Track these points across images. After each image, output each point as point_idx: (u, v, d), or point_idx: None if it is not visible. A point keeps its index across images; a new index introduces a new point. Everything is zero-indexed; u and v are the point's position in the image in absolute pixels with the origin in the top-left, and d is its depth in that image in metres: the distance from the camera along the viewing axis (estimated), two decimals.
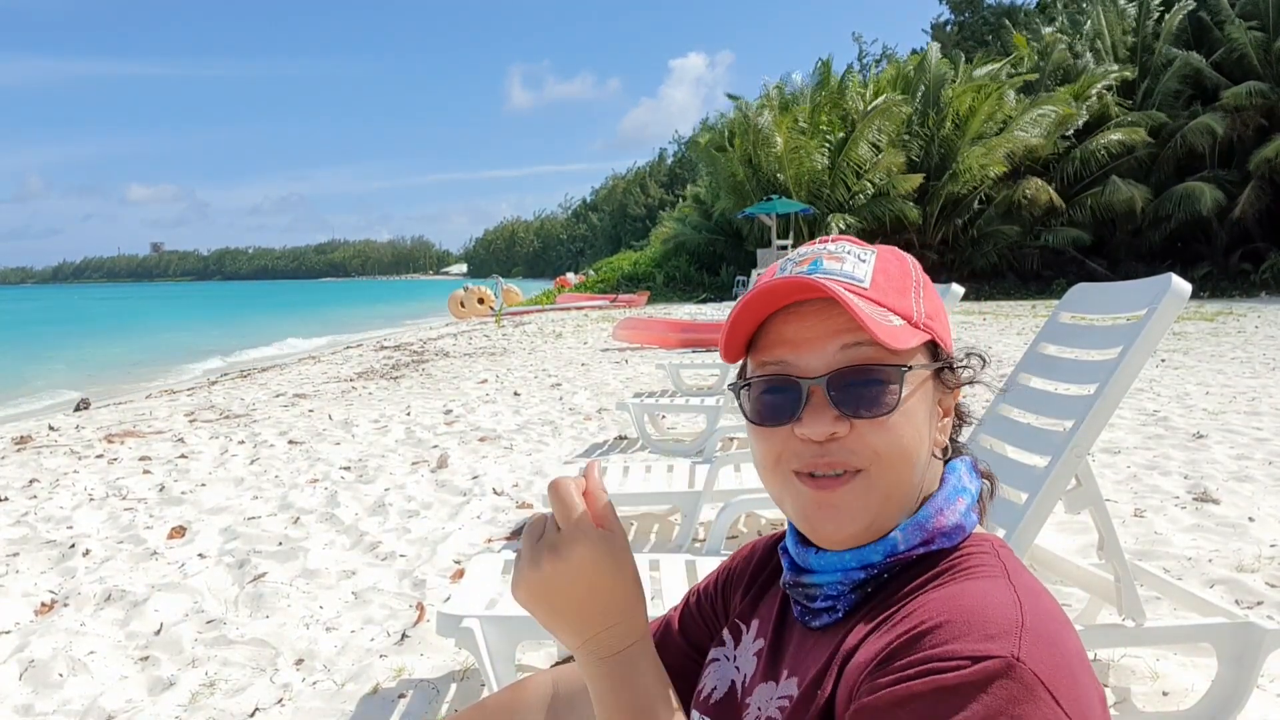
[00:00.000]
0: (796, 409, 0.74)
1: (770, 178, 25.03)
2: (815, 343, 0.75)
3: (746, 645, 0.87)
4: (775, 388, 0.76)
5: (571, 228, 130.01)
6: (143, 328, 33.55)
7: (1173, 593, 2.33)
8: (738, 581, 0.95)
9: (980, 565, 0.73)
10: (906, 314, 0.77)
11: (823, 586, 0.78)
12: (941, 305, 0.82)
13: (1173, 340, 10.67)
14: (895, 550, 0.75)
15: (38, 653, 2.64)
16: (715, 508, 3.45)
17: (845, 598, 0.77)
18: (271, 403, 8.09)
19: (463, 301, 23.60)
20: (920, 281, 0.81)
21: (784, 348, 0.76)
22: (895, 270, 0.80)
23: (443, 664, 2.51)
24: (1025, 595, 0.68)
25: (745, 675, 0.85)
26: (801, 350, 0.75)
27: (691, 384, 7.89)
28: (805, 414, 0.74)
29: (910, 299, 0.78)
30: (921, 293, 0.80)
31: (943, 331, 0.80)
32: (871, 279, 0.77)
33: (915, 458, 0.75)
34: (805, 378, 0.74)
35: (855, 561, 0.76)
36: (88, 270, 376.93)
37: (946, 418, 0.82)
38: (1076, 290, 2.39)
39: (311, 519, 4.00)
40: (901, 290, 0.78)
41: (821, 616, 0.78)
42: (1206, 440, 5.03)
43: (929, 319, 0.78)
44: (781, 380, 0.76)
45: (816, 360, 0.75)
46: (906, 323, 0.76)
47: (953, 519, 0.76)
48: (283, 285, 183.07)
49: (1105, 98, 23.88)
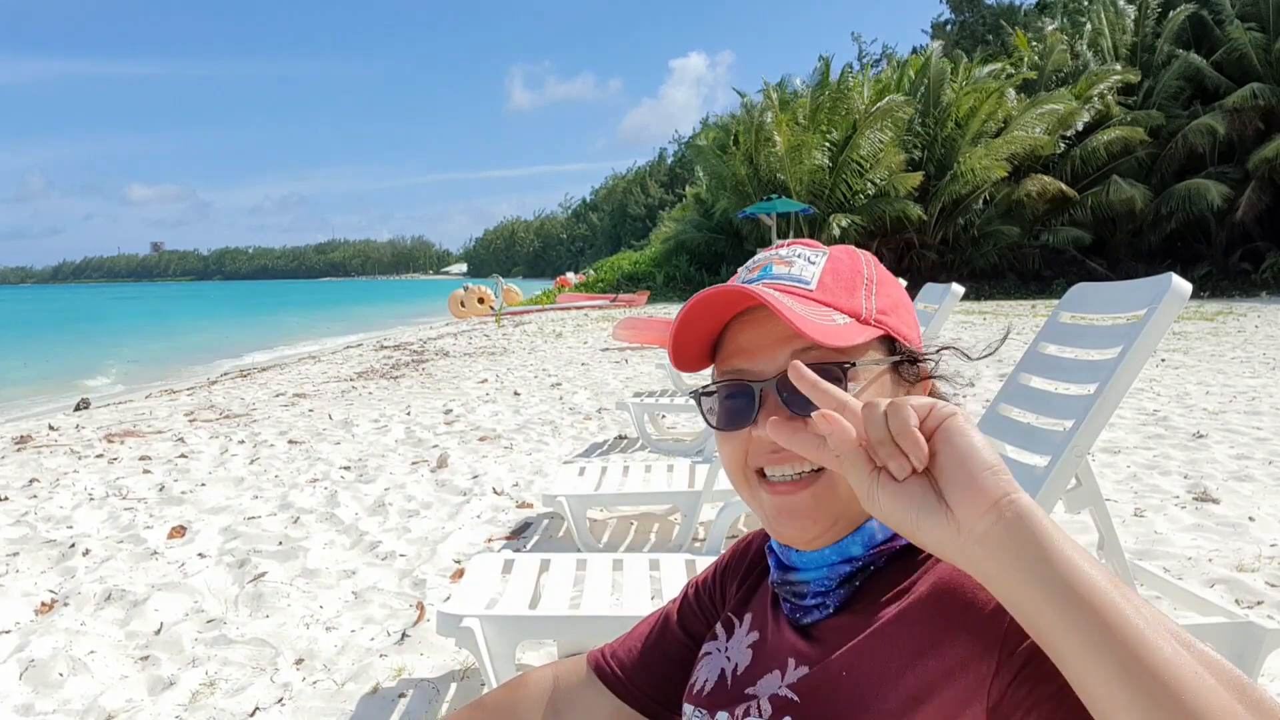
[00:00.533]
0: (752, 412, 0.77)
1: (771, 177, 25.03)
2: (767, 349, 0.78)
3: (739, 638, 0.88)
4: (732, 393, 0.79)
5: (571, 227, 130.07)
6: (171, 326, 34.23)
7: (1173, 592, 2.33)
8: (733, 575, 0.96)
9: None
10: (854, 311, 0.79)
11: (810, 583, 0.79)
12: (902, 300, 0.84)
13: (1173, 340, 10.67)
14: (874, 540, 0.77)
15: (38, 652, 2.64)
16: (715, 507, 3.45)
17: (834, 593, 0.78)
18: (271, 402, 8.09)
19: (463, 301, 23.59)
20: (874, 278, 0.82)
21: (739, 356, 0.80)
22: (845, 269, 0.82)
23: (443, 663, 2.52)
24: None
25: (737, 665, 0.85)
26: (755, 357, 0.78)
27: (691, 384, 7.89)
28: (760, 417, 0.77)
29: (859, 296, 0.80)
30: (874, 289, 0.81)
31: (900, 325, 0.81)
32: (818, 280, 0.80)
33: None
34: (757, 381, 0.77)
35: (836, 555, 0.78)
36: (88, 270, 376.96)
37: None
38: (1077, 290, 2.39)
39: (311, 519, 4.00)
40: (850, 288, 0.80)
41: (812, 613, 0.79)
42: (1207, 440, 5.03)
43: (881, 314, 0.80)
44: (737, 386, 0.79)
45: (767, 363, 0.78)
46: (854, 320, 0.78)
47: None
48: (285, 285, 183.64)
49: (1106, 98, 23.89)
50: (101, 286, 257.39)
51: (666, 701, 0.94)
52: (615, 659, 0.97)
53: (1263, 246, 21.79)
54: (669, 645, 0.96)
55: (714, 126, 30.15)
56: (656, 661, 0.96)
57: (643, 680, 0.95)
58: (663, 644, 0.97)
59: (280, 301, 65.75)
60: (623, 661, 0.97)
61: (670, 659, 0.95)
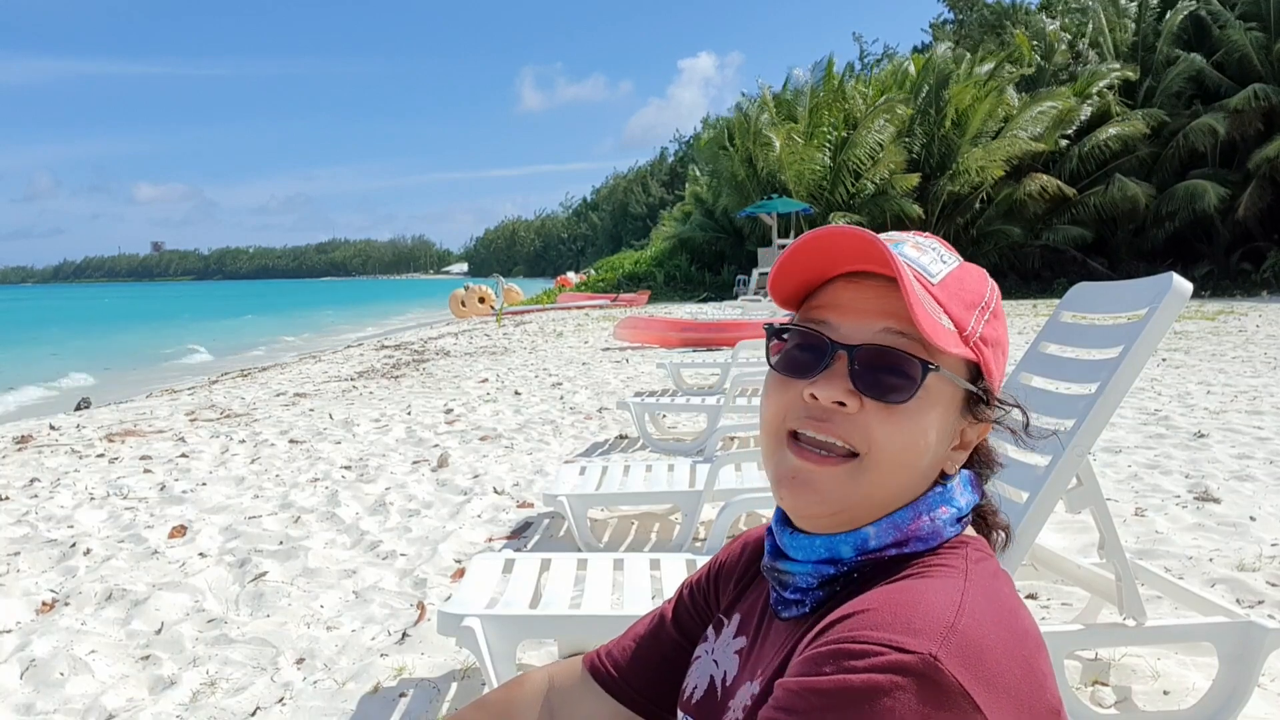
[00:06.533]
0: (816, 368, 0.74)
1: (771, 177, 25.03)
2: (862, 315, 0.74)
3: (726, 641, 0.87)
4: (806, 345, 0.76)
5: (572, 227, 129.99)
6: (211, 321, 37.56)
7: (1174, 592, 2.33)
8: (728, 574, 0.95)
9: (945, 566, 0.72)
10: (961, 325, 0.75)
11: (795, 575, 0.77)
12: (1004, 341, 0.80)
13: (1174, 339, 10.66)
14: (866, 547, 0.74)
15: (38, 652, 2.64)
16: (716, 507, 3.45)
17: (813, 593, 0.76)
18: (272, 402, 8.09)
19: (463, 300, 23.59)
20: (990, 306, 0.79)
21: (833, 311, 0.76)
22: (971, 283, 0.78)
23: (443, 663, 2.51)
24: (975, 600, 0.66)
25: (725, 673, 0.84)
26: (847, 317, 0.75)
27: (692, 383, 7.89)
28: (822, 376, 0.73)
29: (973, 314, 0.77)
30: (987, 316, 0.78)
31: (993, 362, 0.78)
32: (943, 280, 0.76)
33: (911, 463, 0.74)
34: (836, 343, 0.74)
35: (825, 550, 0.75)
36: (88, 269, 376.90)
37: (962, 450, 0.79)
38: (1077, 289, 2.39)
39: (312, 518, 4.00)
40: (968, 303, 0.77)
41: (791, 608, 0.78)
42: (1208, 439, 5.02)
43: (983, 342, 0.76)
44: (814, 338, 0.75)
45: (855, 331, 0.74)
46: (958, 332, 0.74)
47: (927, 525, 0.75)
48: (287, 285, 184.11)
49: (1107, 96, 23.87)
50: (112, 286, 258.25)
51: (661, 702, 0.93)
52: (610, 659, 0.97)
53: (1263, 246, 21.77)
54: (664, 646, 0.95)
55: (713, 126, 30.13)
56: (651, 662, 0.95)
57: (637, 681, 0.95)
58: (657, 644, 0.96)
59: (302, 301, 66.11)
60: (617, 662, 0.96)
61: (665, 659, 0.95)
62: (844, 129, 24.56)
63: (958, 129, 24.05)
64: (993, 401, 0.79)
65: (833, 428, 0.73)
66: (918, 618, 0.63)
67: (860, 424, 0.72)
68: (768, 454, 0.77)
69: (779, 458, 0.76)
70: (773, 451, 0.77)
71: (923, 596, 0.66)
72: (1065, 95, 23.50)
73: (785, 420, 0.75)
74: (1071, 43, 25.80)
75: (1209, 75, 22.83)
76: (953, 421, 0.76)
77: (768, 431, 0.78)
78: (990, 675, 0.61)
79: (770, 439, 0.77)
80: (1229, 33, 22.34)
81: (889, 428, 0.72)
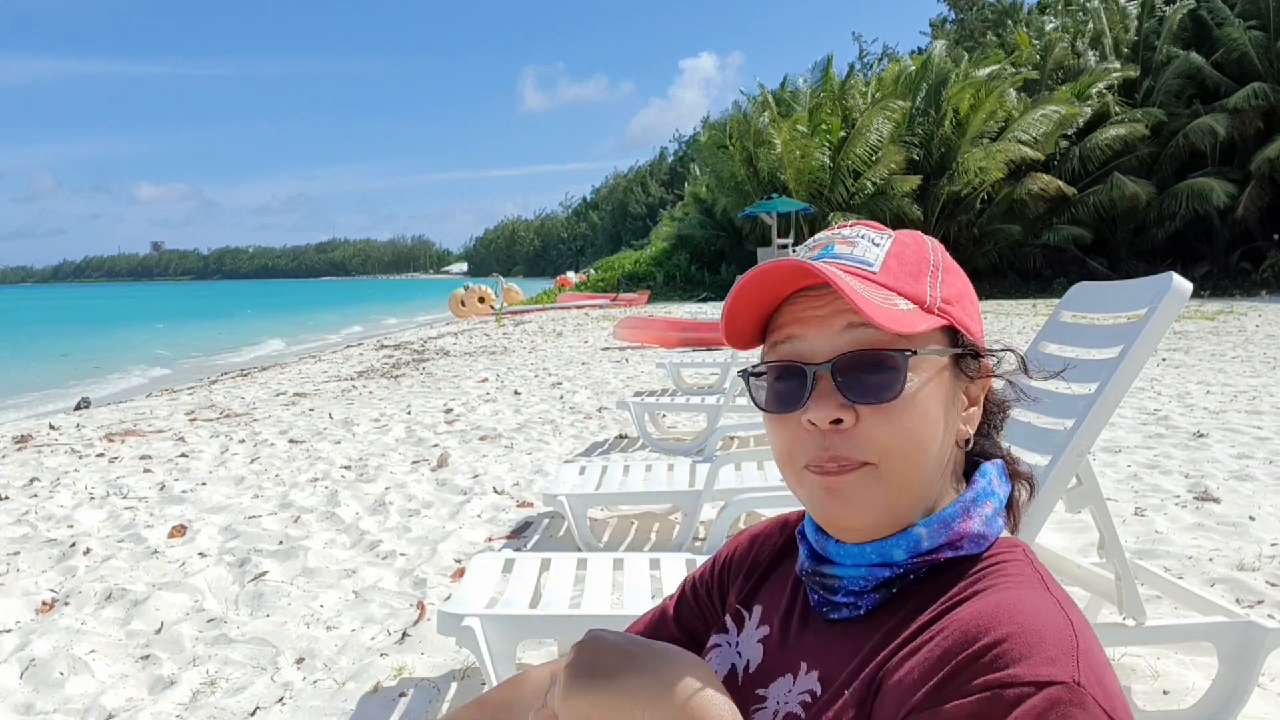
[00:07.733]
0: (803, 396, 0.74)
1: (770, 177, 25.03)
2: (825, 320, 0.74)
3: (750, 632, 0.86)
4: (783, 375, 0.75)
5: (572, 226, 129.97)
6: (232, 318, 39.31)
7: (1173, 592, 2.33)
8: (738, 568, 0.94)
9: (1018, 573, 0.72)
10: (918, 298, 0.75)
11: (844, 579, 0.76)
12: (967, 291, 0.80)
13: (1173, 339, 10.66)
14: (920, 548, 0.73)
15: (38, 651, 2.64)
16: (716, 506, 3.45)
17: (868, 596, 0.75)
18: (272, 401, 8.09)
19: (463, 300, 23.59)
20: (939, 265, 0.79)
21: (795, 325, 0.75)
22: (911, 254, 0.78)
23: (443, 663, 2.52)
24: (1069, 610, 0.67)
25: (749, 662, 0.84)
26: (810, 326, 0.75)
27: (692, 383, 7.90)
28: (811, 401, 0.73)
29: (924, 282, 0.76)
30: (940, 276, 0.78)
31: (964, 317, 0.78)
32: (882, 263, 0.76)
33: (927, 448, 0.74)
34: (812, 364, 0.74)
35: (877, 555, 0.74)
36: (88, 269, 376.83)
37: (973, 407, 0.79)
38: (1077, 289, 2.39)
39: (312, 518, 4.00)
40: (915, 274, 0.76)
41: (841, 610, 0.77)
42: (1207, 439, 5.03)
43: (946, 303, 0.76)
44: (788, 367, 0.75)
45: (823, 343, 0.74)
46: (918, 307, 0.74)
47: (978, 523, 0.75)
48: (288, 284, 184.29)
49: (1106, 96, 23.87)
50: (101, 286, 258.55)
51: None
52: None
53: (1263, 246, 21.77)
54: (665, 642, 0.95)
55: (713, 126, 30.15)
56: None
57: None
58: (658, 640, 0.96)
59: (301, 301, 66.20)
60: None
61: None
62: (843, 128, 24.56)
63: (958, 129, 24.05)
64: (982, 352, 0.79)
65: (838, 450, 0.72)
66: (1048, 643, 0.62)
67: (863, 435, 0.72)
68: (793, 487, 0.77)
69: (806, 485, 0.75)
70: (797, 484, 0.77)
71: (1038, 618, 0.65)
72: (1067, 98, 23.48)
73: (794, 456, 0.75)
74: (1072, 42, 25.79)
75: (1208, 74, 22.83)
76: (951, 388, 0.76)
77: (783, 467, 0.78)
78: (1110, 689, 0.62)
79: (789, 473, 0.77)
80: (1228, 31, 22.33)
81: (891, 427, 0.72)
